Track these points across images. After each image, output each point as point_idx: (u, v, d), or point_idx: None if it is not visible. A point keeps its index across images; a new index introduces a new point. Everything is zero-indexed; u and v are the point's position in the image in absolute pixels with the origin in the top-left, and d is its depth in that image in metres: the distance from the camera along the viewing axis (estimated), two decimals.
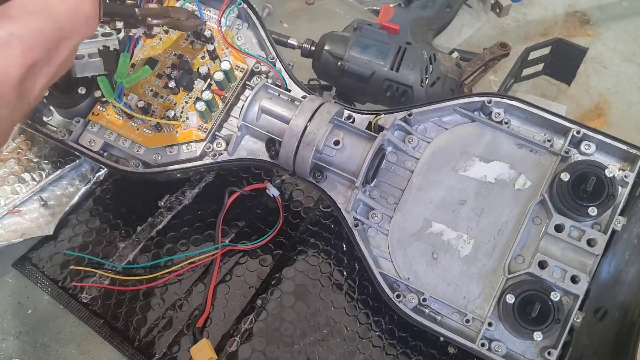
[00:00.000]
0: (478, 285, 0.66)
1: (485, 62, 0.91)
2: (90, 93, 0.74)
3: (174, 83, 0.74)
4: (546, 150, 0.70)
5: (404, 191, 0.70)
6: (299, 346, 0.69)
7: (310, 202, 0.81)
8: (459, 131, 0.72)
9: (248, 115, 0.70)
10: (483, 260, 0.66)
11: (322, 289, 0.73)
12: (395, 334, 0.70)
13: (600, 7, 1.14)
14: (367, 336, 0.70)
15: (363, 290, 0.73)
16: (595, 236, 0.65)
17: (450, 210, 0.68)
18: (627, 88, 1.04)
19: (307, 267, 0.74)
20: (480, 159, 0.70)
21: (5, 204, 0.76)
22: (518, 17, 1.12)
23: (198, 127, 0.73)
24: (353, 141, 0.69)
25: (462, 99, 0.72)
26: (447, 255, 0.67)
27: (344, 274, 0.74)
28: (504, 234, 0.67)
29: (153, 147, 0.73)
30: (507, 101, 0.71)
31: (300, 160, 0.68)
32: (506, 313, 0.62)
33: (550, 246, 0.66)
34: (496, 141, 0.71)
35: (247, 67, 0.76)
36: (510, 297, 0.62)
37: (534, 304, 0.61)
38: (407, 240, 0.68)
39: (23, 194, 0.77)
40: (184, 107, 0.74)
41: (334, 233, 0.77)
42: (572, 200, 0.65)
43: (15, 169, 0.79)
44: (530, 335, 0.61)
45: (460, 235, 0.67)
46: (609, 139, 0.68)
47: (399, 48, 0.82)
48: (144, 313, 0.73)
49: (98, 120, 0.74)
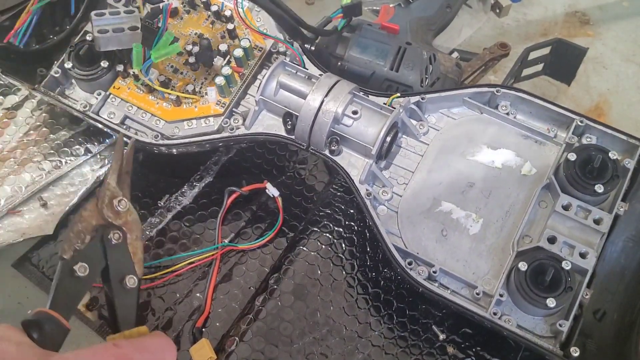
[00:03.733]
0: (487, 262, 0.67)
1: (485, 62, 0.91)
2: (112, 67, 0.77)
3: (194, 59, 0.77)
4: (550, 141, 0.73)
5: (414, 172, 0.73)
6: (298, 346, 0.69)
7: (309, 202, 0.81)
8: (467, 122, 0.76)
9: (266, 90, 0.73)
10: (491, 239, 0.69)
11: (322, 288, 0.73)
12: (395, 333, 0.70)
13: (600, 7, 1.13)
14: (366, 335, 0.70)
15: (362, 289, 0.73)
16: (601, 215, 0.67)
17: (459, 191, 0.71)
18: (627, 88, 1.04)
19: (307, 267, 0.74)
20: (488, 146, 0.74)
21: (5, 204, 0.76)
22: (518, 17, 1.12)
23: (216, 102, 0.76)
24: (370, 114, 0.72)
25: (472, 89, 0.76)
26: (456, 232, 0.69)
27: (343, 274, 0.74)
28: (511, 215, 0.70)
29: (172, 121, 0.76)
30: (514, 92, 0.74)
31: (317, 128, 0.70)
32: (518, 282, 0.63)
33: (558, 224, 0.68)
34: (502, 132, 0.75)
35: (265, 48, 0.79)
36: (522, 264, 0.64)
37: (546, 273, 0.62)
38: (416, 217, 0.70)
39: (23, 194, 0.77)
40: (202, 83, 0.77)
41: (334, 233, 0.77)
42: (579, 178, 0.68)
43: (15, 169, 0.79)
44: (543, 302, 0.61)
45: (469, 214, 0.70)
46: (610, 129, 0.72)
47: (399, 48, 0.82)
48: (144, 313, 0.73)
49: (119, 94, 0.77)
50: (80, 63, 0.76)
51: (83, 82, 0.77)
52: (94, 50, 0.75)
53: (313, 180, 0.83)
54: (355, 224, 0.77)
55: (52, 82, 0.78)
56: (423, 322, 0.71)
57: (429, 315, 0.71)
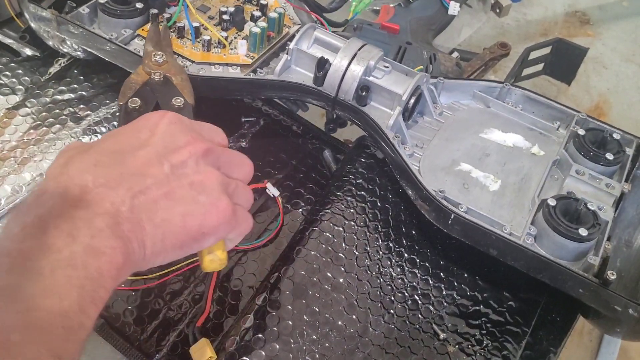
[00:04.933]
0: (509, 213, 0.70)
1: (485, 62, 0.91)
2: (146, 10, 0.79)
3: (228, 17, 0.80)
4: (554, 134, 0.79)
5: (432, 140, 0.77)
6: (298, 345, 0.69)
7: (309, 203, 0.81)
8: (476, 111, 0.81)
9: (301, 41, 0.77)
10: (511, 197, 0.72)
11: (321, 287, 0.73)
12: (395, 332, 0.70)
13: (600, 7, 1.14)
14: (366, 335, 0.70)
15: (362, 289, 0.73)
16: (612, 182, 0.71)
17: (476, 157, 0.76)
18: (627, 88, 1.04)
19: (307, 266, 0.74)
20: (498, 129, 0.79)
21: (5, 204, 0.76)
22: (518, 17, 1.12)
23: (245, 54, 0.78)
24: (397, 73, 0.77)
25: (483, 81, 0.81)
26: (477, 187, 0.72)
27: (343, 273, 0.74)
28: (526, 181, 0.74)
29: (200, 62, 0.77)
30: (520, 90, 0.80)
31: (349, 76, 0.74)
32: (548, 214, 0.65)
33: (573, 186, 0.72)
34: (509, 123, 0.80)
35: (290, 29, 0.83)
36: (551, 200, 0.66)
37: (574, 209, 0.65)
38: (437, 172, 0.73)
39: (23, 194, 0.77)
40: (233, 41, 0.80)
41: (333, 233, 0.77)
42: (590, 147, 0.72)
43: (15, 168, 0.79)
44: (576, 232, 0.63)
45: (487, 175, 0.74)
46: (608, 126, 0.76)
47: (399, 48, 0.82)
48: (144, 313, 0.73)
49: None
50: (116, 0, 0.78)
51: (112, 20, 0.78)
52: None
53: (313, 180, 0.82)
54: (356, 224, 0.77)
55: (78, 17, 0.80)
56: (423, 320, 0.71)
57: (430, 314, 0.71)
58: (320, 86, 0.76)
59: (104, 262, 0.39)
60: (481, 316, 0.71)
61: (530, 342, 0.69)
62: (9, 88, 0.85)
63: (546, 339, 0.69)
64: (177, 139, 0.47)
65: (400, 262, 0.74)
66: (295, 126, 0.89)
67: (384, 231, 0.76)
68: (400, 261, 0.74)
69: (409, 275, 0.74)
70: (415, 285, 0.73)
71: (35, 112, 0.83)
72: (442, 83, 0.79)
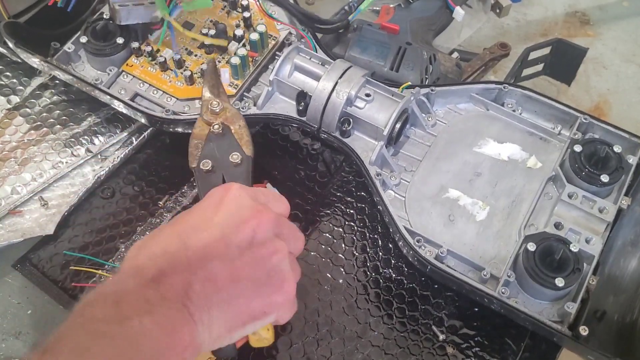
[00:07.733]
0: (493, 247, 0.68)
1: (485, 62, 0.91)
2: (127, 44, 0.78)
3: (210, 41, 0.78)
4: (555, 138, 0.76)
5: (422, 161, 0.74)
6: (298, 345, 0.69)
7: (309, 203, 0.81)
8: (473, 117, 0.78)
9: (281, 71, 0.75)
10: (498, 226, 0.70)
11: (321, 288, 0.73)
12: (394, 333, 0.70)
13: (600, 7, 1.14)
14: (366, 336, 0.70)
15: (362, 289, 0.73)
16: (606, 205, 0.69)
17: (466, 180, 0.73)
18: (627, 88, 1.04)
19: (306, 267, 0.74)
20: (494, 140, 0.76)
21: (5, 204, 0.76)
22: (518, 17, 1.12)
23: (229, 83, 0.77)
24: (382, 98, 0.73)
25: (480, 85, 0.78)
26: (463, 218, 0.70)
27: (342, 274, 0.74)
28: (517, 204, 0.71)
29: (184, 99, 0.76)
30: (520, 91, 0.76)
31: (330, 108, 0.72)
32: (527, 261, 0.63)
33: (564, 213, 0.70)
34: (508, 128, 0.77)
35: (278, 38, 0.81)
36: (531, 245, 0.64)
37: (554, 253, 0.63)
38: (424, 202, 0.71)
39: (23, 194, 0.77)
40: (217, 65, 0.78)
41: (334, 233, 0.77)
42: (585, 167, 0.69)
43: (15, 169, 0.79)
44: (552, 282, 0.62)
45: (475, 202, 0.71)
46: (613, 127, 0.74)
47: (399, 48, 0.82)
48: None
49: (131, 71, 0.78)
50: (96, 38, 0.77)
51: (96, 59, 0.78)
52: (110, 27, 0.78)
53: (312, 181, 0.82)
54: (355, 224, 0.77)
55: (65, 56, 0.80)
56: (423, 322, 0.71)
57: (429, 316, 0.71)
58: (304, 117, 0.74)
59: (174, 339, 0.41)
60: (480, 318, 0.71)
61: (529, 344, 0.69)
62: (9, 89, 0.85)
63: (545, 342, 0.69)
64: (241, 213, 0.48)
65: (400, 263, 0.74)
66: (296, 126, 0.89)
67: (384, 232, 0.76)
68: (400, 262, 0.74)
69: (409, 276, 0.74)
70: (415, 286, 0.73)
71: (35, 112, 0.83)
72: (433, 93, 0.76)
